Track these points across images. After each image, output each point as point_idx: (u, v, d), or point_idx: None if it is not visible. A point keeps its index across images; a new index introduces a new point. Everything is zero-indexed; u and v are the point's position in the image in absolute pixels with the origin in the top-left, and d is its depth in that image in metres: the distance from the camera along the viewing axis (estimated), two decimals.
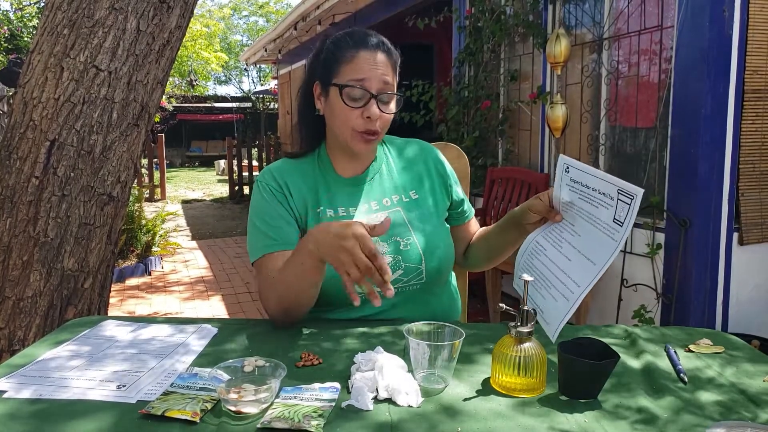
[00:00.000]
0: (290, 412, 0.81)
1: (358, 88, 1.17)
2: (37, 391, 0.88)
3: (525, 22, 3.69)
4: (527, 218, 1.15)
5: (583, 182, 1.02)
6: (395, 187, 1.31)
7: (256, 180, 1.28)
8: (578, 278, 0.98)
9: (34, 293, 1.88)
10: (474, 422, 0.80)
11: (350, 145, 1.22)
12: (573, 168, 1.04)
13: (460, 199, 1.38)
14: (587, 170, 1.01)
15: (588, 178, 1.01)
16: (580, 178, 1.03)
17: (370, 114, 1.18)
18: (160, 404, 0.83)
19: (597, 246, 0.98)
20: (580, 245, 1.01)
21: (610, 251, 0.95)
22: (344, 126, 1.20)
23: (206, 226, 7.56)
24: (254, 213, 1.25)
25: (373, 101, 1.18)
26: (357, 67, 1.18)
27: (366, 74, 1.17)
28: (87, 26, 1.84)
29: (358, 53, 1.19)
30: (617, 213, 0.95)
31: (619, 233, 0.94)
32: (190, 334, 1.13)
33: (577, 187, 1.03)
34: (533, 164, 3.88)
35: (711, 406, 0.87)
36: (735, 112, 2.71)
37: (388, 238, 1.23)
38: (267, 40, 9.05)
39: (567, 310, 0.96)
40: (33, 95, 1.86)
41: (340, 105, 1.19)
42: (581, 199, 1.02)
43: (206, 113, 19.84)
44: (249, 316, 3.92)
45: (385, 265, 0.95)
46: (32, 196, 1.85)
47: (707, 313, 2.80)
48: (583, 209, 1.02)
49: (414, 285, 1.24)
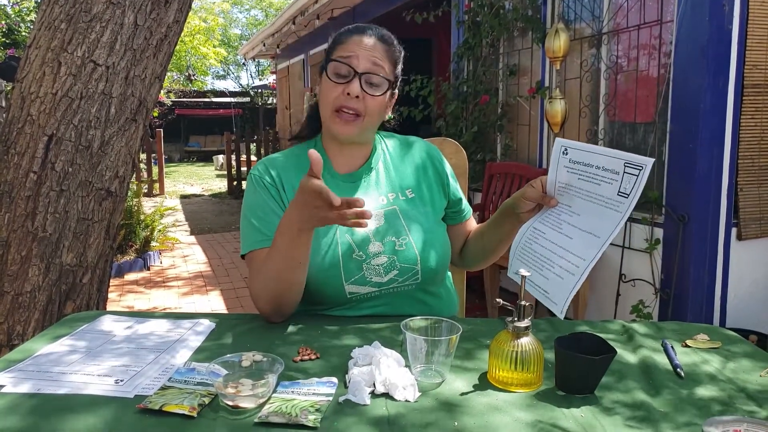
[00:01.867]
0: (287, 407, 0.81)
1: (343, 63, 1.17)
2: (36, 385, 0.88)
3: (524, 16, 3.68)
4: (521, 207, 1.14)
5: (583, 162, 1.02)
6: (392, 184, 1.29)
7: (250, 173, 1.27)
8: (582, 253, 0.98)
9: (33, 288, 1.88)
10: (471, 417, 0.81)
11: (331, 129, 1.21)
12: (572, 149, 1.05)
13: (458, 198, 1.37)
14: (589, 149, 1.02)
15: (590, 156, 1.01)
16: (580, 158, 1.03)
17: (350, 90, 1.16)
18: (157, 399, 0.83)
19: (599, 221, 0.98)
20: (581, 223, 1.02)
21: (615, 222, 0.95)
22: (327, 105, 1.20)
23: (205, 221, 7.55)
24: (247, 206, 1.24)
25: (356, 78, 1.17)
26: (348, 47, 1.19)
27: (353, 52, 1.18)
28: (84, 21, 1.83)
29: (352, 36, 1.20)
30: (622, 186, 0.95)
31: (624, 204, 0.95)
32: (188, 329, 1.13)
33: (577, 167, 1.03)
34: (532, 159, 3.87)
35: (708, 401, 0.87)
36: (734, 107, 2.71)
37: (383, 238, 1.22)
38: (265, 34, 9.03)
39: (574, 284, 0.97)
40: (30, 90, 1.86)
41: (326, 83, 1.19)
42: (581, 179, 1.03)
43: (205, 108, 19.80)
44: (248, 310, 3.92)
45: (350, 200, 0.96)
46: (30, 191, 1.85)
47: (705, 308, 2.80)
48: (582, 189, 1.03)
49: (409, 285, 1.23)
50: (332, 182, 1.26)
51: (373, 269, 1.19)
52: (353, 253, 1.19)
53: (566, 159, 1.06)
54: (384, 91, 1.21)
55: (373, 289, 1.20)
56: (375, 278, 1.19)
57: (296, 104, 9.56)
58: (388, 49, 1.22)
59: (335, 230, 1.21)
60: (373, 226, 1.22)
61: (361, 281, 1.19)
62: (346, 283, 1.18)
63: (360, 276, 1.19)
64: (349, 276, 1.18)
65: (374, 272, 1.19)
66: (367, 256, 1.19)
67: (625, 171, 0.94)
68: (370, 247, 1.20)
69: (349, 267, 1.18)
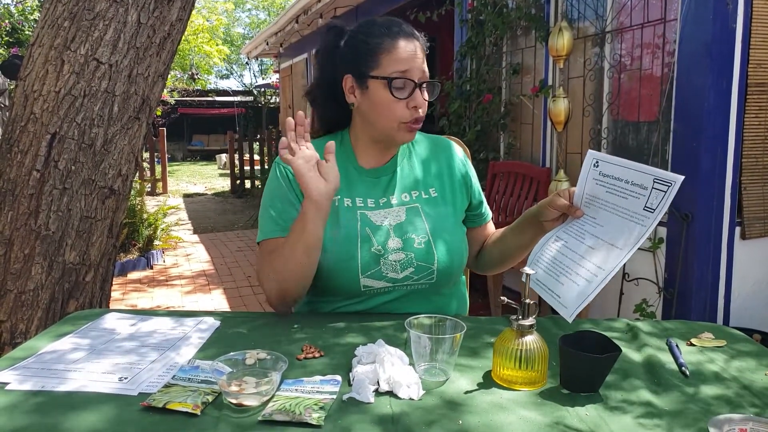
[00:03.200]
0: (291, 405, 0.81)
1: (403, 79, 1.16)
2: (39, 383, 0.88)
3: (527, 15, 3.67)
4: (546, 215, 1.13)
5: (614, 175, 1.03)
6: (416, 182, 1.28)
7: (275, 161, 1.26)
8: (602, 263, 0.98)
9: (36, 286, 1.88)
10: (475, 415, 0.80)
11: (395, 137, 1.20)
12: (603, 162, 1.05)
13: (479, 201, 1.36)
14: (621, 163, 1.02)
15: (621, 170, 1.02)
16: (610, 171, 1.03)
17: (417, 104, 1.17)
18: (161, 396, 0.83)
19: (622, 234, 0.99)
20: (604, 234, 1.02)
21: (639, 236, 0.96)
22: (390, 119, 1.18)
23: (208, 220, 7.56)
24: (267, 194, 1.25)
25: (417, 91, 1.17)
26: (398, 58, 1.16)
27: (409, 64, 1.16)
28: (87, 19, 1.83)
29: (397, 43, 1.17)
30: (649, 201, 0.96)
31: (649, 219, 0.96)
32: (192, 327, 1.13)
33: (607, 180, 1.04)
34: (535, 158, 3.86)
35: (713, 400, 0.87)
36: (738, 106, 2.69)
37: (402, 234, 1.21)
38: (268, 33, 9.02)
39: (590, 291, 0.97)
40: (34, 88, 1.86)
41: (387, 98, 1.17)
42: (609, 192, 1.03)
43: (208, 107, 19.81)
44: (251, 309, 3.93)
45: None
46: (33, 190, 1.85)
47: (709, 307, 2.79)
48: (608, 202, 1.03)
49: (423, 284, 1.22)
50: (356, 176, 1.26)
51: (390, 265, 1.19)
52: (372, 247, 1.19)
53: (596, 171, 1.06)
54: (433, 91, 1.22)
55: (388, 285, 1.20)
56: (390, 274, 1.19)
57: (299, 103, 9.55)
58: (423, 47, 1.21)
59: (356, 223, 1.21)
60: (394, 221, 1.22)
61: (377, 275, 1.19)
62: (362, 275, 1.19)
63: (377, 270, 1.19)
64: (365, 269, 1.19)
65: (390, 268, 1.19)
66: (386, 251, 1.20)
67: (654, 186, 0.95)
68: (390, 242, 1.20)
69: (366, 260, 1.19)
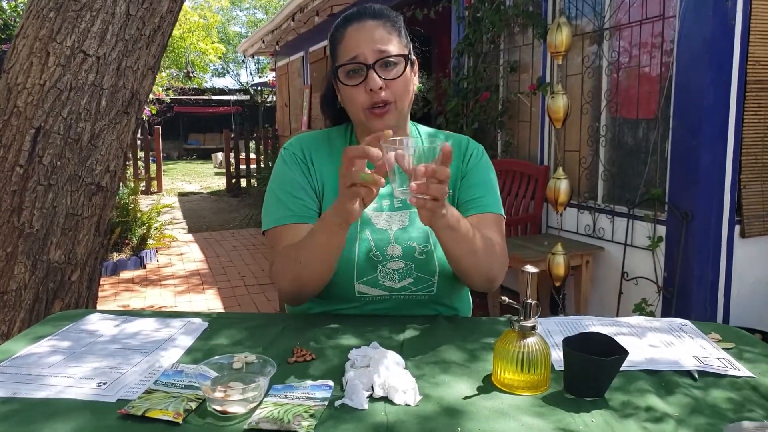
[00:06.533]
0: (280, 412, 0.76)
1: (351, 64, 1.11)
2: (12, 389, 0.83)
3: (525, 12, 3.64)
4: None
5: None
6: None
7: (283, 147, 1.22)
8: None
9: (19, 286, 1.82)
10: (475, 422, 0.76)
11: (370, 127, 1.13)
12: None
13: (471, 197, 1.21)
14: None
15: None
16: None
17: (371, 86, 1.10)
18: (141, 403, 0.78)
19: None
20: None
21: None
22: (356, 108, 1.13)
23: (203, 219, 7.50)
24: (275, 181, 1.19)
25: (371, 72, 1.10)
26: (347, 45, 1.13)
27: (358, 49, 1.11)
28: (74, 9, 1.78)
29: (347, 30, 1.14)
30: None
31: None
32: (178, 329, 1.08)
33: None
34: (533, 156, 3.83)
35: (723, 403, 0.83)
36: (737, 104, 2.67)
37: (404, 242, 1.15)
38: (265, 31, 8.96)
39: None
40: (17, 81, 1.80)
41: (344, 89, 1.13)
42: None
43: (204, 105, 19.72)
44: (245, 309, 3.87)
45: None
46: (17, 186, 1.80)
47: (708, 306, 2.76)
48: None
49: (423, 296, 1.16)
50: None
51: (388, 273, 1.14)
52: (370, 252, 1.14)
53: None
54: (403, 68, 1.13)
55: (384, 293, 1.15)
56: (388, 282, 1.14)
57: (296, 101, 9.50)
58: (387, 22, 1.15)
59: (356, 223, 1.15)
60: (396, 226, 1.17)
61: (373, 283, 1.14)
62: (357, 281, 1.13)
63: (373, 277, 1.13)
64: (361, 275, 1.13)
65: (388, 276, 1.14)
66: (384, 258, 1.14)
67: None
68: (389, 249, 1.14)
69: (363, 266, 1.13)
